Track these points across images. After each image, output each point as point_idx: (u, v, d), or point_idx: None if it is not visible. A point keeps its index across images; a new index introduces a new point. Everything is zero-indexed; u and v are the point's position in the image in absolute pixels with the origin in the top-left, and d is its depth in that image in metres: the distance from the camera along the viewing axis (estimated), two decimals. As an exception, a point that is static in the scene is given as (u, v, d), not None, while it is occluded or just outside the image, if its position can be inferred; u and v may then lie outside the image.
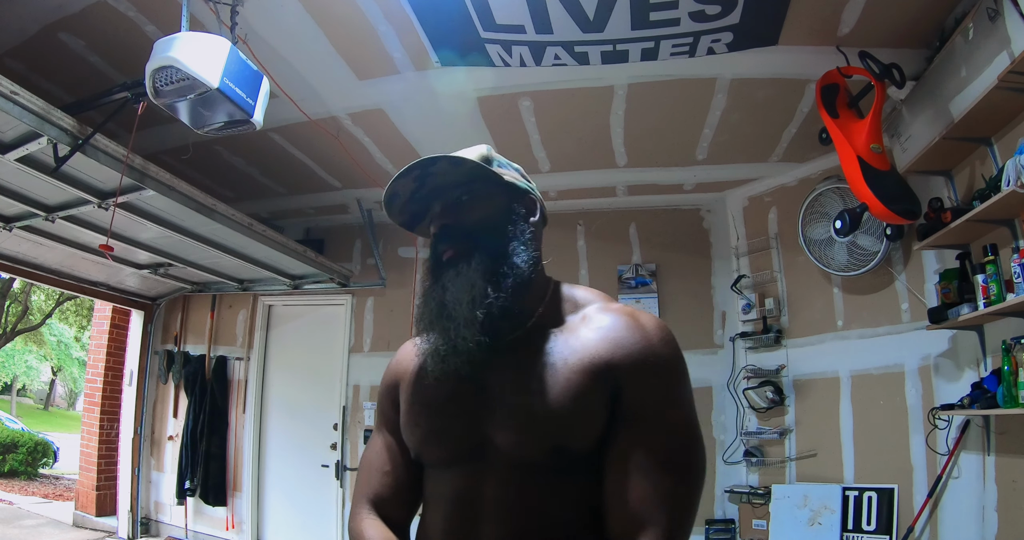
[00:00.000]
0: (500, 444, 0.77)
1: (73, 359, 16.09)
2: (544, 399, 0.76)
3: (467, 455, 0.80)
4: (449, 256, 0.85)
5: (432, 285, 0.86)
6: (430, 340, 0.84)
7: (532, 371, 0.79)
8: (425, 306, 0.85)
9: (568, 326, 0.84)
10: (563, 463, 0.76)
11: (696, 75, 2.61)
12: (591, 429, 0.76)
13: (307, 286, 4.18)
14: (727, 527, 3.41)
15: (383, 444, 0.93)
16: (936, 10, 2.21)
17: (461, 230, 0.86)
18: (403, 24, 2.28)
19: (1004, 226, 2.19)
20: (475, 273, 0.81)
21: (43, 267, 3.67)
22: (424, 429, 0.84)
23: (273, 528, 4.20)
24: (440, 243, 0.87)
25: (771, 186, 3.66)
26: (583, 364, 0.77)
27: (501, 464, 0.77)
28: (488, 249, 0.83)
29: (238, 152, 3.40)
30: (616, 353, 0.77)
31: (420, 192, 0.89)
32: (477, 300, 0.79)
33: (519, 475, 0.77)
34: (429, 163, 0.85)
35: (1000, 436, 2.26)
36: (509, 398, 0.79)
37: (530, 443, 0.76)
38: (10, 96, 1.83)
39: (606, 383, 0.76)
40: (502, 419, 0.78)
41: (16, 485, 6.95)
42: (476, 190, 0.88)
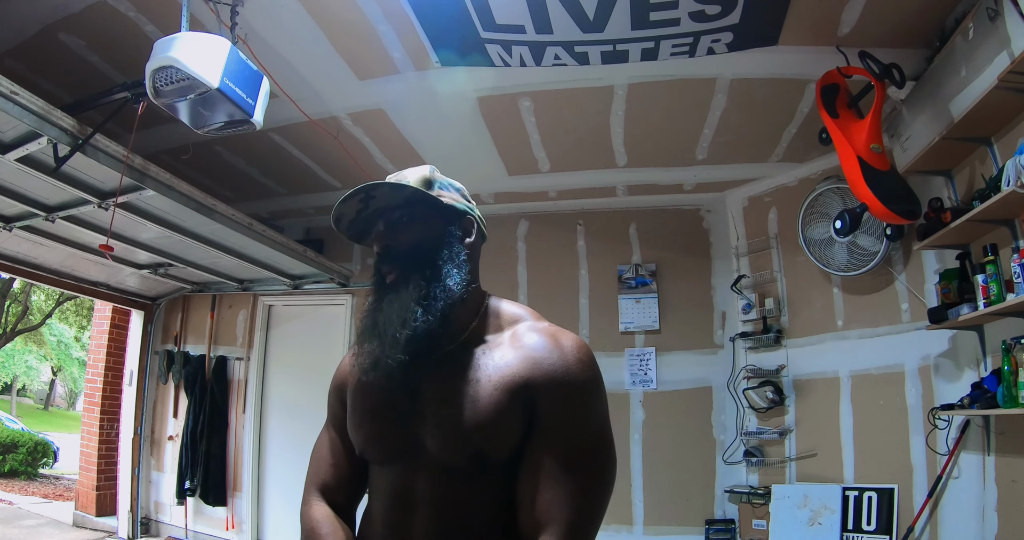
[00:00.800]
0: (429, 448, 0.86)
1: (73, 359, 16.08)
2: (467, 411, 0.85)
3: (402, 455, 0.89)
4: (392, 279, 0.92)
5: (374, 303, 0.93)
6: (361, 355, 0.92)
7: (459, 384, 0.87)
8: (364, 323, 0.93)
9: (496, 342, 0.92)
10: (483, 467, 0.85)
11: (696, 75, 2.61)
12: (508, 439, 0.84)
13: (307, 286, 4.18)
14: (727, 527, 3.41)
15: (331, 439, 1.04)
16: (936, 10, 2.21)
17: (400, 252, 0.93)
18: (403, 24, 2.28)
19: (1004, 226, 2.19)
20: (409, 296, 0.88)
21: (43, 267, 3.67)
22: (365, 431, 0.93)
23: (273, 528, 4.19)
24: (383, 264, 0.94)
25: (771, 186, 3.66)
26: (504, 381, 0.86)
27: (430, 464, 0.86)
28: (423, 272, 0.90)
29: (238, 152, 3.40)
30: (534, 372, 0.86)
31: (365, 212, 0.96)
32: (407, 322, 0.87)
33: (446, 475, 0.86)
34: (371, 188, 0.91)
35: (1000, 436, 2.26)
36: (438, 408, 0.87)
37: (454, 449, 0.85)
38: (10, 96, 1.83)
39: (523, 399, 0.85)
40: (431, 426, 0.87)
41: (16, 485, 6.94)
42: (416, 213, 0.94)
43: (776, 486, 3.23)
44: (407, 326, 0.86)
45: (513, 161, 3.46)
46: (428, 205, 0.95)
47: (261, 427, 4.33)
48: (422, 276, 0.90)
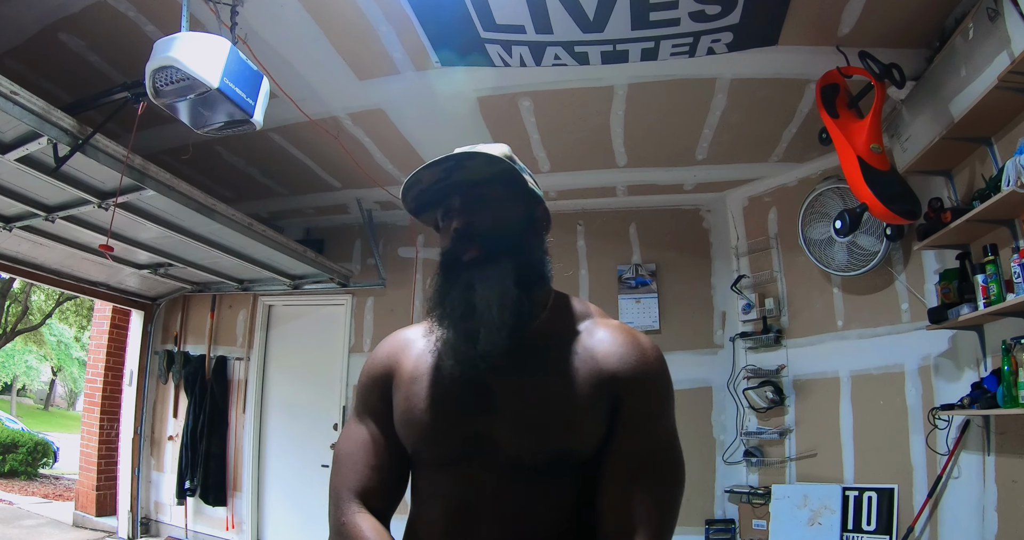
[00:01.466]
0: (503, 447, 0.79)
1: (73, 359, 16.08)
2: (549, 406, 0.79)
3: (463, 456, 0.81)
4: (472, 257, 0.84)
5: (451, 283, 0.84)
6: (448, 339, 0.83)
7: (538, 377, 0.81)
8: (446, 304, 0.84)
9: (568, 335, 0.86)
10: (561, 468, 0.79)
11: (696, 75, 2.60)
12: (593, 436, 0.79)
13: (307, 286, 4.18)
14: (727, 527, 3.41)
15: (368, 436, 0.90)
16: (936, 10, 2.21)
17: (485, 230, 0.85)
18: (403, 24, 2.28)
19: (1004, 226, 2.19)
20: (507, 276, 0.81)
21: (43, 267, 3.67)
22: (423, 427, 0.83)
23: (273, 528, 4.20)
24: (462, 241, 0.85)
25: (771, 186, 3.66)
26: (591, 374, 0.81)
27: (500, 466, 0.79)
28: (513, 255, 0.84)
29: (238, 152, 3.40)
30: (619, 367, 0.81)
31: (443, 183, 0.87)
32: (508, 305, 0.80)
33: (517, 477, 0.78)
34: (467, 157, 0.84)
35: (1000, 436, 2.26)
36: (514, 403, 0.80)
37: (533, 448, 0.78)
38: (10, 96, 1.83)
39: (609, 394, 0.80)
40: (506, 423, 0.79)
41: (16, 485, 6.95)
42: (500, 192, 0.88)
43: (776, 486, 3.23)
44: (508, 309, 0.80)
45: (513, 161, 3.45)
46: (511, 186, 0.88)
47: (261, 427, 4.33)
48: (512, 258, 0.83)
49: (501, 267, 0.82)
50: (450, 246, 0.87)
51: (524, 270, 0.84)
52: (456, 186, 0.87)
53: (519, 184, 0.88)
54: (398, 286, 4.21)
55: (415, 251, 4.27)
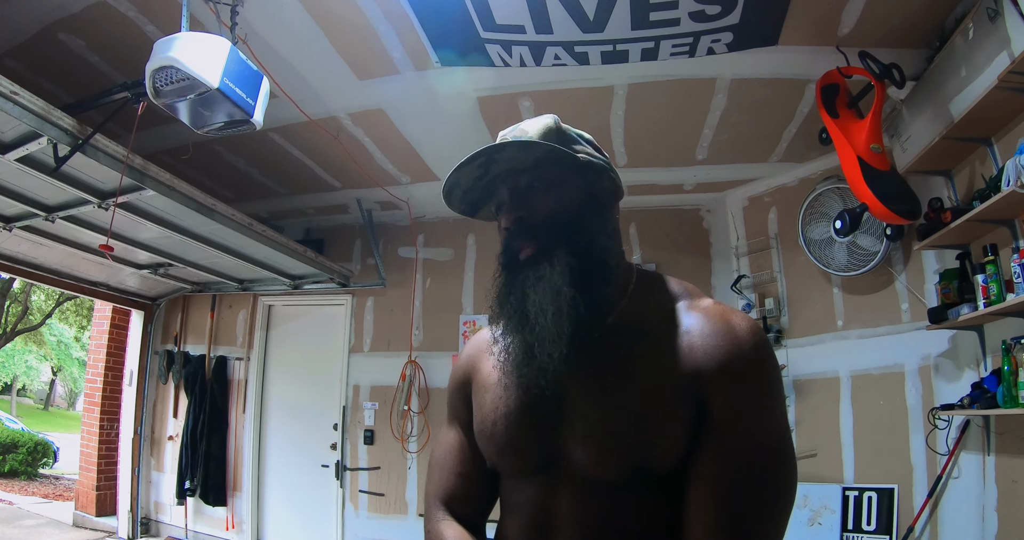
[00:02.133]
0: (576, 460, 0.73)
1: (73, 359, 16.08)
2: (624, 416, 0.71)
3: (542, 468, 0.76)
4: (528, 255, 0.77)
5: (508, 287, 0.78)
6: (508, 348, 0.78)
7: (612, 381, 0.73)
8: (502, 311, 0.78)
9: (652, 325, 0.76)
10: (641, 482, 0.71)
11: (696, 75, 2.60)
12: (675, 448, 0.70)
13: (307, 286, 4.18)
14: (727, 527, 3.41)
15: (456, 442, 0.89)
16: (936, 10, 2.21)
17: (538, 224, 0.77)
18: (403, 24, 2.28)
19: (1004, 226, 2.19)
20: (560, 277, 0.73)
21: (43, 267, 3.67)
22: (499, 439, 0.79)
23: (273, 528, 4.20)
24: (515, 239, 0.78)
25: (771, 186, 3.66)
26: (668, 375, 0.71)
27: (576, 478, 0.74)
28: (571, 246, 0.76)
29: (238, 152, 3.40)
30: (705, 364, 0.71)
31: (484, 179, 0.81)
32: (564, 310, 0.72)
33: (594, 491, 0.73)
34: (495, 149, 0.77)
35: (1000, 436, 2.26)
36: (587, 412, 0.73)
37: (608, 463, 0.71)
38: (10, 96, 1.83)
39: (693, 397, 0.70)
40: (579, 435, 0.73)
41: (16, 485, 6.95)
42: (549, 176, 0.79)
43: (776, 486, 3.22)
44: (565, 315, 0.72)
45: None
46: (562, 164, 0.79)
47: (261, 427, 4.33)
48: (570, 251, 0.75)
49: (556, 265, 0.74)
50: (504, 246, 0.80)
51: (583, 263, 0.75)
52: (500, 177, 0.81)
53: (567, 161, 0.79)
54: (398, 286, 4.21)
55: (415, 251, 4.27)
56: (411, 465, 3.95)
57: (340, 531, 3.98)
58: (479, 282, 4.17)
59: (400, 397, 4.04)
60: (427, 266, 4.27)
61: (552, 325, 0.72)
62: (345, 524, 3.98)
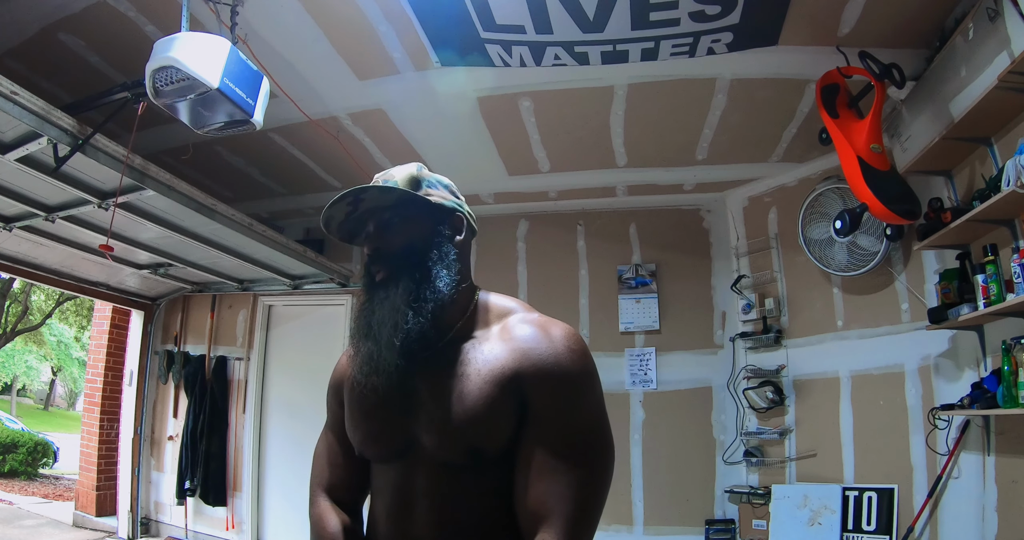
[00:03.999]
0: (424, 445, 0.88)
1: (73, 359, 16.07)
2: (460, 407, 0.85)
3: (398, 453, 0.90)
4: (381, 278, 0.92)
5: (365, 304, 0.94)
6: (359, 354, 0.92)
7: (450, 380, 0.88)
8: (357, 323, 0.94)
9: (486, 336, 0.92)
10: (478, 461, 0.85)
11: (696, 75, 2.60)
12: (501, 433, 0.85)
13: (307, 286, 4.18)
14: (727, 527, 3.41)
15: (333, 438, 1.05)
16: (936, 10, 2.21)
17: (389, 253, 0.93)
18: (403, 24, 2.28)
19: (1004, 226, 2.19)
20: (399, 298, 0.89)
21: (43, 267, 3.66)
22: (362, 431, 0.94)
23: (273, 528, 4.19)
24: (372, 264, 0.94)
25: (771, 186, 3.66)
26: (494, 374, 0.86)
27: (427, 461, 0.88)
28: (412, 274, 0.91)
29: (238, 152, 3.40)
30: (523, 363, 0.86)
31: (355, 213, 0.95)
32: (399, 325, 0.87)
33: (443, 471, 0.87)
34: (360, 191, 0.91)
35: (1000, 436, 2.26)
36: (430, 405, 0.88)
37: (448, 446, 0.86)
38: (10, 96, 1.83)
39: (514, 391, 0.85)
40: (425, 424, 0.88)
41: (16, 485, 6.94)
42: (405, 213, 0.95)
43: (776, 486, 3.23)
44: (399, 329, 0.87)
45: (513, 161, 3.46)
46: (417, 205, 0.95)
47: (261, 427, 4.33)
48: (411, 277, 0.91)
49: (399, 287, 0.90)
50: (364, 270, 0.96)
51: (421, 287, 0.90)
52: (368, 213, 0.95)
53: (419, 203, 0.95)
54: (398, 286, 4.20)
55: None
56: (411, 465, 3.95)
57: (340, 531, 3.97)
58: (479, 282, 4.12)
59: (400, 397, 4.03)
60: (427, 266, 4.27)
61: (387, 336, 0.87)
62: (345, 524, 3.98)
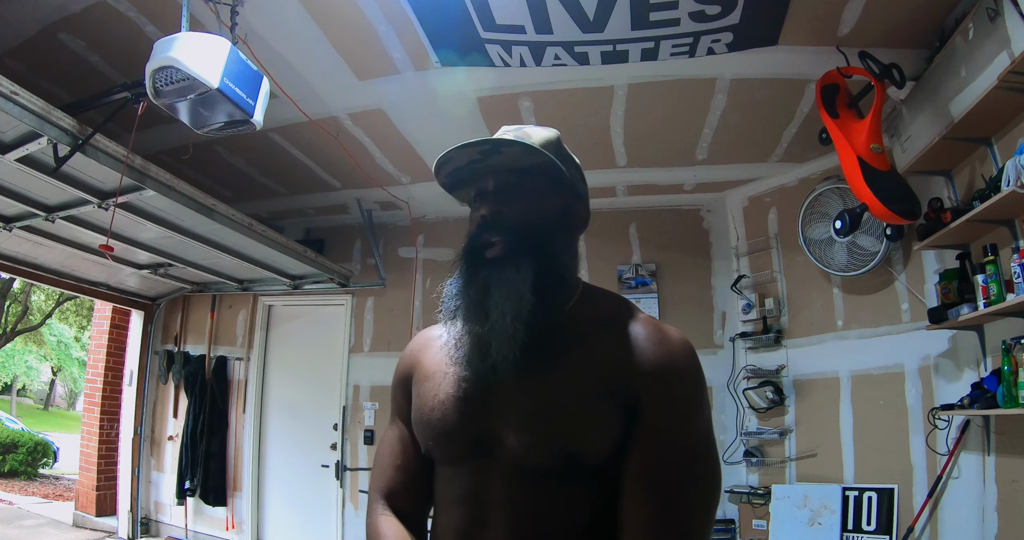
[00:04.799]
0: (509, 446, 0.76)
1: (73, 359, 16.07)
2: (557, 405, 0.75)
3: (475, 454, 0.78)
4: (495, 253, 0.80)
5: (470, 280, 0.80)
6: (460, 343, 0.81)
7: (548, 375, 0.77)
8: (462, 304, 0.80)
9: (589, 330, 0.81)
10: (572, 470, 0.74)
11: (696, 75, 2.60)
12: (603, 439, 0.74)
13: (307, 286, 4.18)
14: (727, 527, 3.41)
15: (396, 436, 0.91)
16: (936, 10, 2.21)
17: (514, 224, 0.80)
18: (403, 24, 2.28)
19: (1004, 226, 2.19)
20: (524, 283, 0.77)
21: (43, 267, 3.67)
22: (434, 427, 0.82)
23: (273, 528, 4.20)
24: (487, 231, 0.81)
25: (771, 186, 3.66)
26: (601, 373, 0.76)
27: (509, 466, 0.76)
28: (539, 255, 0.79)
29: (238, 152, 3.40)
30: (637, 365, 0.76)
31: (478, 164, 0.82)
32: (523, 316, 0.76)
33: (527, 479, 0.75)
34: (504, 143, 0.79)
35: (1000, 436, 2.26)
36: (522, 401, 0.77)
37: (541, 448, 0.74)
38: (10, 96, 1.83)
39: (623, 394, 0.75)
40: (512, 422, 0.76)
41: (16, 485, 6.95)
42: (536, 183, 0.82)
43: (776, 486, 3.23)
44: (520, 319, 0.75)
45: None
46: (552, 178, 0.83)
47: (261, 427, 4.33)
48: (535, 259, 0.78)
49: (521, 271, 0.77)
50: (474, 233, 0.82)
51: (545, 273, 0.79)
52: (492, 169, 0.83)
53: (558, 178, 0.83)
54: (398, 286, 4.20)
55: (415, 251, 4.27)
56: (411, 465, 3.94)
57: (340, 531, 3.97)
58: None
59: (400, 397, 4.03)
60: (427, 266, 4.27)
61: (511, 327, 0.75)
62: (345, 524, 3.98)
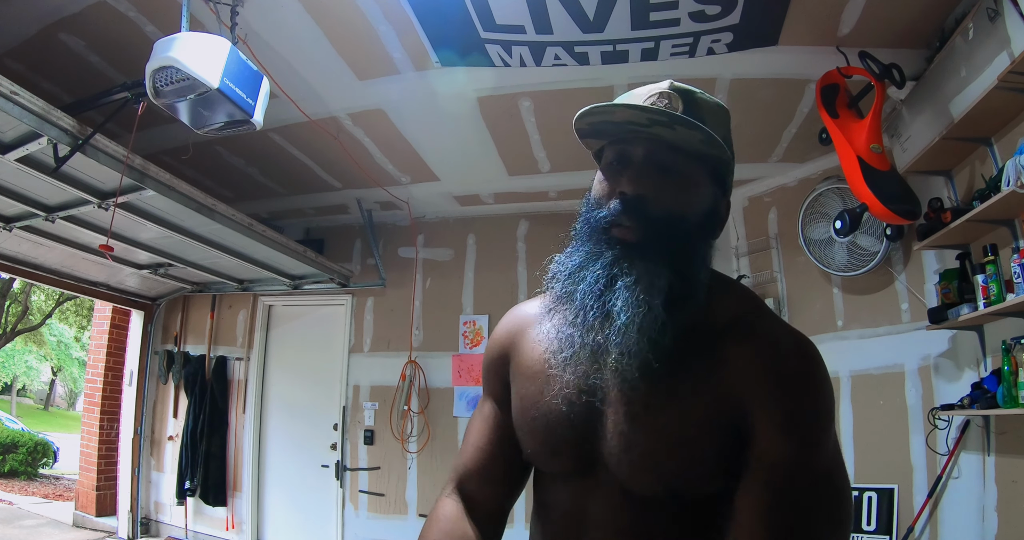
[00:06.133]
0: (613, 468, 0.70)
1: (73, 359, 16.08)
2: (662, 438, 0.67)
3: (578, 471, 0.74)
4: (627, 237, 0.69)
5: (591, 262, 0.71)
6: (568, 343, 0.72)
7: (656, 400, 0.69)
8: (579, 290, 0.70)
9: (707, 343, 0.71)
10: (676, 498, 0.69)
11: (696, 75, 2.60)
12: (706, 475, 0.67)
13: (307, 286, 4.18)
14: (727, 527, 3.40)
15: (484, 416, 0.85)
16: (936, 10, 2.21)
17: (656, 214, 0.69)
18: (403, 24, 2.28)
19: (1004, 226, 2.19)
20: (658, 292, 0.67)
21: (43, 267, 3.67)
22: (538, 436, 0.76)
23: (273, 528, 4.20)
24: (624, 214, 0.70)
25: (771, 186, 3.66)
26: (713, 397, 0.67)
27: (611, 485, 0.71)
28: (678, 260, 0.69)
29: (238, 152, 3.40)
30: (754, 385, 0.66)
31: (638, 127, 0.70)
32: (651, 329, 0.65)
33: (630, 500, 0.70)
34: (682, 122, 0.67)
35: (1000, 436, 2.26)
36: (628, 427, 0.69)
37: (640, 481, 0.69)
38: (10, 96, 1.83)
39: (736, 419, 0.66)
40: (615, 445, 0.70)
41: (16, 485, 6.95)
42: (695, 172, 0.72)
43: (776, 486, 3.22)
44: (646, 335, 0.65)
45: (513, 161, 3.46)
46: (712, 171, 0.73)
47: (261, 427, 4.33)
48: (673, 262, 0.68)
49: (657, 272, 0.67)
50: (606, 209, 0.71)
51: (682, 284, 0.68)
52: (650, 140, 0.70)
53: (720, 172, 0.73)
54: (398, 286, 4.20)
55: (415, 251, 4.27)
56: (411, 465, 3.95)
57: (340, 531, 3.98)
58: (479, 282, 4.18)
59: (400, 397, 4.04)
60: (427, 266, 4.27)
61: (635, 343, 0.66)
62: (345, 524, 3.98)
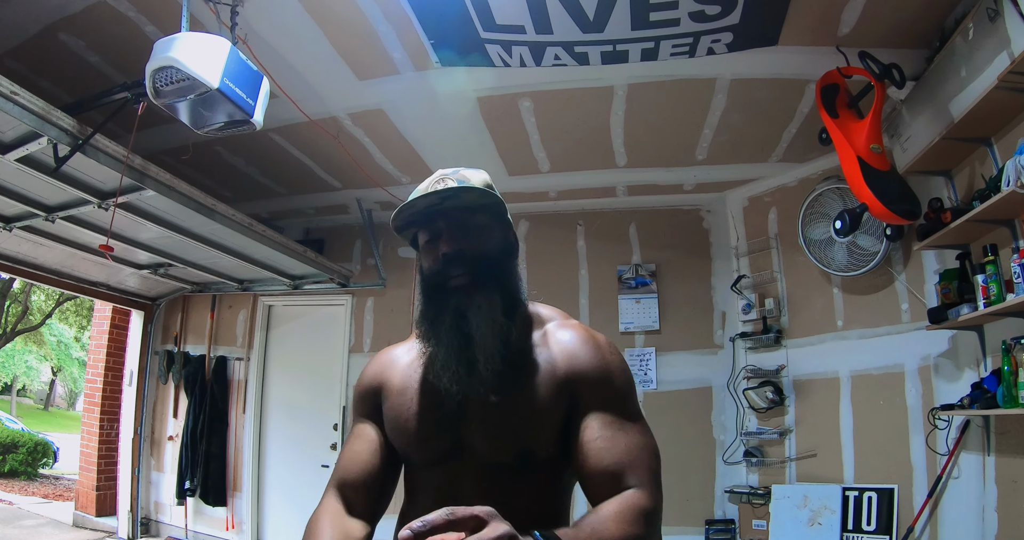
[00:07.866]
0: (477, 448, 0.90)
1: (73, 359, 16.07)
2: (516, 414, 0.89)
3: (448, 456, 0.91)
4: (461, 283, 0.91)
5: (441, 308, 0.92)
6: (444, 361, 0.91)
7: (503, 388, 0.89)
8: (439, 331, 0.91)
9: (533, 343, 0.95)
10: (529, 463, 0.89)
11: (696, 75, 2.60)
12: (553, 435, 0.89)
13: (307, 286, 4.18)
14: (727, 527, 3.41)
15: (356, 434, 1.02)
16: (936, 10, 2.21)
17: (475, 257, 0.92)
18: (403, 24, 2.28)
19: (1004, 226, 2.19)
20: (496, 308, 0.90)
21: (43, 267, 3.66)
22: (412, 434, 0.94)
23: (273, 528, 4.19)
24: (452, 266, 0.91)
25: (771, 186, 3.66)
26: (545, 378, 0.90)
27: (476, 464, 0.90)
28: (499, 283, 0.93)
29: (238, 152, 3.40)
30: (574, 366, 0.91)
31: (435, 208, 0.93)
32: (499, 335, 0.89)
33: (491, 473, 0.89)
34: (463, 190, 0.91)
35: (1000, 436, 2.26)
36: (484, 413, 0.90)
37: (501, 448, 0.89)
38: (10, 96, 1.83)
39: (565, 393, 0.90)
40: (478, 427, 0.90)
41: (16, 485, 6.94)
42: (486, 220, 0.95)
43: (776, 486, 3.23)
44: (498, 338, 0.88)
45: (513, 161, 3.46)
46: (495, 215, 0.96)
47: (261, 427, 4.33)
48: (499, 286, 0.92)
49: (490, 296, 0.90)
50: (438, 269, 0.93)
51: (508, 297, 0.93)
52: (445, 212, 0.93)
53: (501, 212, 0.97)
54: (398, 286, 4.20)
55: (415, 251, 4.26)
56: (411, 465, 3.95)
57: (340, 531, 3.97)
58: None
59: (400, 397, 4.03)
60: (427, 266, 4.27)
61: (492, 346, 0.88)
62: (345, 524, 3.98)
